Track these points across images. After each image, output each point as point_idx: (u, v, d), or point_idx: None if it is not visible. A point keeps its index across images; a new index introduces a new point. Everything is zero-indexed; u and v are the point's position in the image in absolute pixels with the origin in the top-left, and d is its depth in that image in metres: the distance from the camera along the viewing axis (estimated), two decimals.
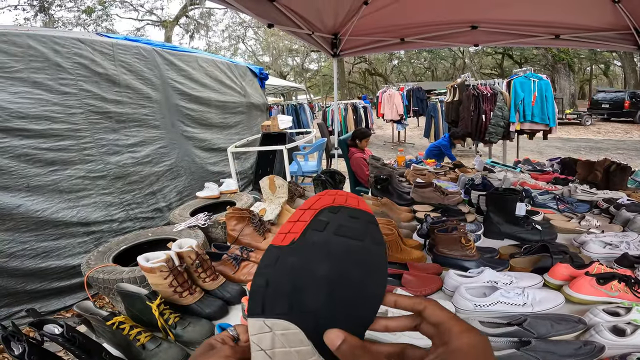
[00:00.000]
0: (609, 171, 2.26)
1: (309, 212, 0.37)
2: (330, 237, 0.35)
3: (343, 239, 0.35)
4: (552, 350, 0.85)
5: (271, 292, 0.34)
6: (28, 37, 2.46)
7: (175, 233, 1.85)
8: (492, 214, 1.66)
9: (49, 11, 16.23)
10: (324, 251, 0.34)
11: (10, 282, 2.34)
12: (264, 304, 0.34)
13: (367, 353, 0.30)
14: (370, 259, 0.35)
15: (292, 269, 0.34)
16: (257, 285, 0.34)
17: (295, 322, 0.33)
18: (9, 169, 2.35)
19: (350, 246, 0.35)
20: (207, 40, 23.25)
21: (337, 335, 0.31)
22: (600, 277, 1.09)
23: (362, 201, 0.38)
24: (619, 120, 14.33)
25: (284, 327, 0.33)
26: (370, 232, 0.36)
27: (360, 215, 0.37)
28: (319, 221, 0.36)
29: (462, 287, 1.11)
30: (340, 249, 0.34)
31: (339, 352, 0.30)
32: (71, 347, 0.81)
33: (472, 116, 4.95)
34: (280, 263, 0.34)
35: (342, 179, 2.26)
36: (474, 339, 0.28)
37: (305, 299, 0.33)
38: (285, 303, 0.33)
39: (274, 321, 0.33)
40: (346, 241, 0.35)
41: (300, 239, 0.35)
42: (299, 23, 2.86)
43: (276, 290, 0.34)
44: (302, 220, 0.36)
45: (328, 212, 0.36)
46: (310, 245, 0.35)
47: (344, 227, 0.35)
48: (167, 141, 3.58)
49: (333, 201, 0.37)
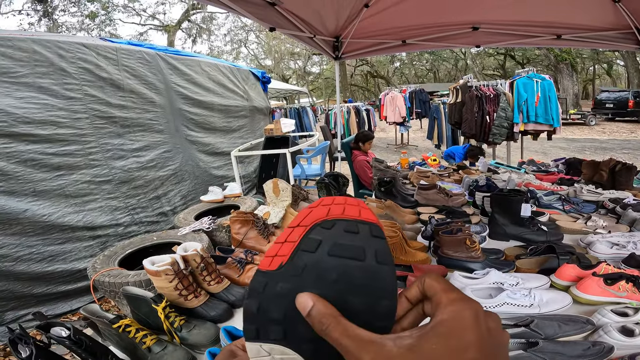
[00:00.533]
0: (614, 171, 2.25)
1: (298, 230, 0.31)
2: (323, 259, 0.30)
3: (339, 260, 0.30)
4: (560, 351, 0.84)
5: (263, 319, 0.31)
6: (33, 42, 2.49)
7: (180, 237, 1.86)
8: (497, 215, 1.65)
9: (52, 16, 16.42)
10: (316, 275, 0.30)
11: (17, 286, 2.36)
12: (257, 329, 0.31)
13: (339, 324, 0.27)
14: (374, 283, 0.30)
15: (282, 296, 0.30)
16: (249, 310, 0.31)
17: (292, 348, 0.30)
18: (15, 174, 2.37)
19: (348, 268, 0.30)
20: (210, 45, 23.44)
21: (306, 301, 0.29)
22: (607, 277, 1.08)
23: (365, 209, 0.32)
24: (624, 120, 14.23)
25: (282, 352, 0.31)
26: (374, 248, 0.30)
27: (361, 228, 0.31)
28: (310, 240, 0.31)
29: (468, 288, 1.10)
30: (335, 272, 0.29)
31: (309, 318, 0.28)
32: (78, 350, 0.82)
33: (475, 117, 4.93)
34: (269, 289, 0.31)
35: (345, 182, 2.26)
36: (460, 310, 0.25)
37: (301, 327, 0.30)
38: (280, 330, 0.30)
39: (271, 346, 0.31)
40: (343, 262, 0.30)
41: (289, 263, 0.31)
42: (301, 26, 2.88)
43: (267, 317, 0.31)
44: (290, 240, 0.31)
45: (321, 228, 0.31)
46: (300, 270, 0.30)
47: (339, 245, 0.30)
48: (171, 145, 3.60)
49: (327, 214, 0.31)
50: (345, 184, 2.24)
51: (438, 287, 0.28)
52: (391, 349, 0.25)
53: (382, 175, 2.47)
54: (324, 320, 0.27)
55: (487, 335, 0.25)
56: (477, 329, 0.24)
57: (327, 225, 0.31)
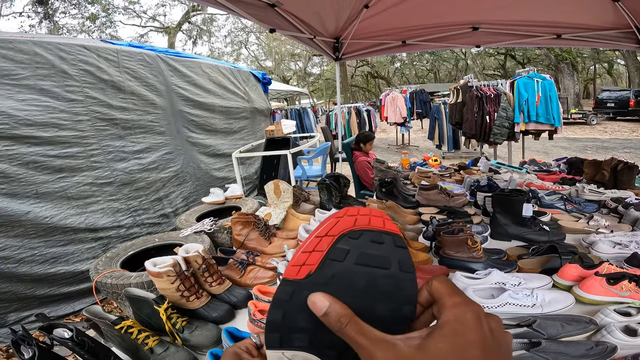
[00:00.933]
0: (616, 170, 2.24)
1: (326, 240, 0.33)
2: (351, 267, 0.32)
3: (366, 269, 0.32)
4: (563, 351, 0.84)
5: (288, 327, 0.32)
6: (34, 44, 2.50)
7: (181, 238, 1.86)
8: (498, 215, 1.65)
9: (53, 18, 16.47)
10: (344, 284, 0.31)
11: (19, 287, 2.37)
12: (281, 338, 0.32)
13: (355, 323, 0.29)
14: (398, 289, 0.32)
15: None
16: (273, 319, 0.32)
17: (315, 354, 0.32)
18: (17, 176, 2.38)
19: (375, 276, 0.32)
20: (210, 46, 23.50)
21: (322, 300, 0.30)
22: (610, 277, 1.08)
23: (388, 220, 0.34)
24: (625, 119, 14.20)
25: (304, 358, 0.32)
26: (397, 257, 0.33)
27: (386, 238, 0.33)
28: (338, 249, 0.32)
29: (470, 288, 1.10)
30: (363, 280, 0.32)
31: (326, 317, 0.29)
32: (80, 351, 0.82)
33: (475, 117, 4.93)
34: (297, 298, 0.32)
35: (346, 182, 2.26)
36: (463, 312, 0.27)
37: (326, 334, 0.31)
38: (305, 338, 0.32)
39: (293, 353, 0.32)
40: (370, 270, 0.32)
41: (317, 272, 0.32)
42: (301, 27, 2.88)
43: (293, 325, 0.32)
44: (318, 250, 0.33)
45: (348, 238, 0.32)
46: (329, 278, 0.32)
47: (366, 254, 0.32)
48: (172, 147, 3.60)
49: (354, 224, 0.33)
50: (347, 185, 2.23)
51: (443, 290, 0.30)
52: (401, 349, 0.27)
53: (383, 175, 2.47)
54: (342, 320, 0.29)
55: (489, 335, 0.26)
56: (480, 329, 0.26)
57: (355, 236, 0.32)
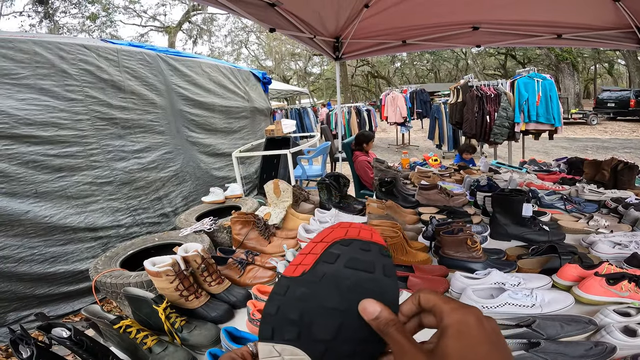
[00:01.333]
0: (616, 170, 2.24)
1: (320, 245, 0.37)
2: (340, 269, 0.36)
3: (353, 271, 0.35)
4: (563, 351, 0.84)
5: (280, 319, 0.35)
6: (34, 43, 2.49)
7: (181, 238, 1.86)
8: (498, 215, 1.64)
9: (53, 17, 16.46)
10: (333, 283, 0.35)
11: (19, 287, 2.37)
12: (273, 329, 0.35)
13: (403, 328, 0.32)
14: (381, 291, 0.35)
15: (302, 299, 0.35)
16: (268, 312, 0.36)
17: (303, 349, 0.34)
18: (17, 176, 2.38)
19: (361, 278, 0.35)
20: (210, 46, 23.49)
21: (374, 306, 0.33)
22: (610, 277, 1.08)
23: (376, 233, 0.39)
24: (625, 119, 14.19)
25: (292, 353, 0.34)
26: (382, 264, 0.36)
27: (372, 247, 0.37)
28: (330, 254, 0.37)
29: (469, 288, 1.10)
30: (350, 281, 0.35)
31: (376, 320, 0.32)
32: (79, 351, 0.82)
33: (476, 117, 4.93)
34: (290, 293, 0.36)
35: (346, 182, 2.26)
36: (463, 315, 0.29)
37: (314, 329, 0.34)
38: (295, 330, 0.35)
39: (282, 346, 0.35)
40: (356, 273, 0.35)
41: (311, 271, 0.36)
42: (301, 27, 2.88)
43: (285, 317, 0.35)
44: (313, 252, 0.37)
45: (340, 244, 0.37)
46: (320, 277, 0.36)
47: (354, 259, 0.36)
48: (172, 147, 3.60)
49: (345, 234, 0.38)
50: (346, 185, 2.23)
51: (436, 299, 0.32)
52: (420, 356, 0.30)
53: (383, 175, 2.47)
54: (391, 323, 0.32)
55: (492, 332, 0.29)
56: (483, 328, 0.28)
57: (345, 243, 0.37)
